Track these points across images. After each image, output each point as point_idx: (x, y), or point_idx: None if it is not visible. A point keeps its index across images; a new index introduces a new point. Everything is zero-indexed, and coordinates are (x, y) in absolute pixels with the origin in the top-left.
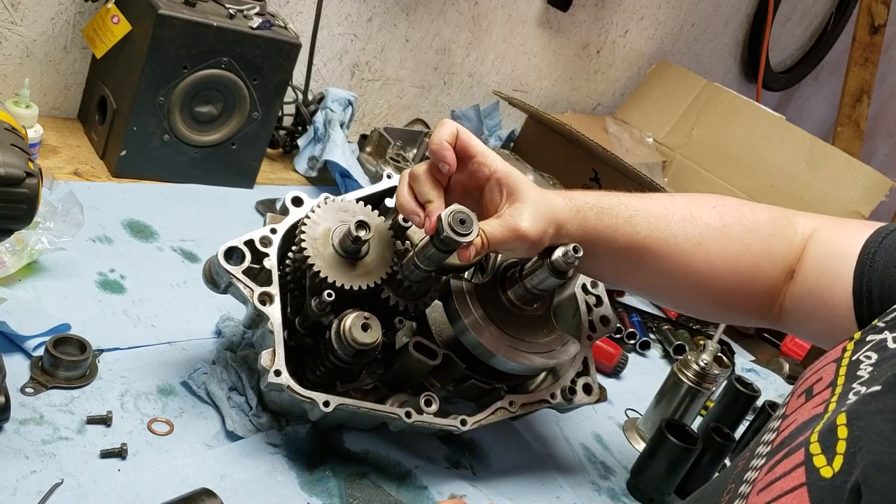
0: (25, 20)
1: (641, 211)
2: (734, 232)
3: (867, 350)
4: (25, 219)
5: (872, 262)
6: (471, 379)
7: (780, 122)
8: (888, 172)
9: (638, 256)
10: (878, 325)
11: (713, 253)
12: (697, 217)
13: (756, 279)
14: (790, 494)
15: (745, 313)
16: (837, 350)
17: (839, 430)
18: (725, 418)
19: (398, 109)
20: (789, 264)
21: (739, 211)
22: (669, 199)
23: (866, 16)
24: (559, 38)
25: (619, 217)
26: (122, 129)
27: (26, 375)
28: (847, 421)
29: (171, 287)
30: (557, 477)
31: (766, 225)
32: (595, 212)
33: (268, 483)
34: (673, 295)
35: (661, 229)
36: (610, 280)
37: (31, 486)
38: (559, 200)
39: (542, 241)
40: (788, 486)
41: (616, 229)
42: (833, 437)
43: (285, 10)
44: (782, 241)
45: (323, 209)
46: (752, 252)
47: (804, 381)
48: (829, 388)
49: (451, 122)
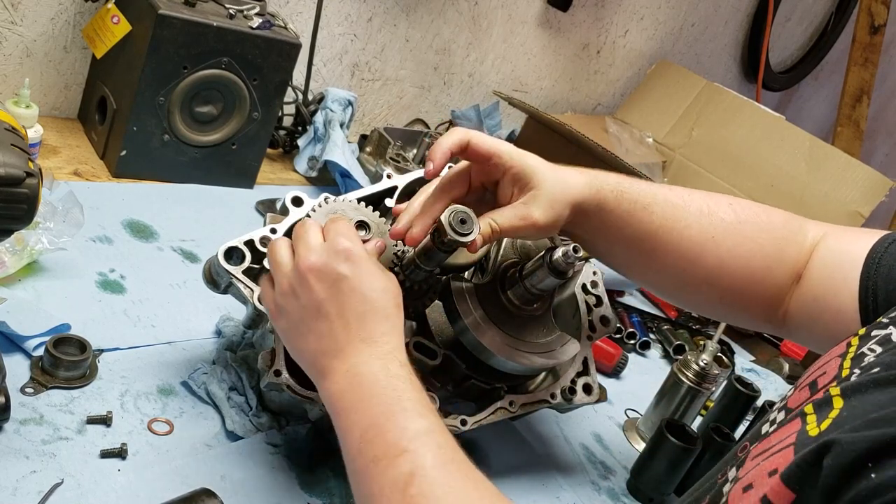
0: (25, 20)
1: (660, 199)
2: (748, 230)
3: (872, 344)
4: (25, 219)
5: (878, 266)
6: (471, 379)
7: (780, 122)
8: (888, 172)
9: (650, 245)
10: (883, 321)
11: (725, 249)
12: (714, 211)
13: (765, 280)
14: (779, 453)
15: (750, 315)
16: (842, 346)
17: (834, 401)
18: (725, 418)
19: (398, 109)
20: (798, 268)
21: (754, 211)
22: (688, 192)
23: (866, 16)
24: (559, 38)
25: (637, 203)
26: (122, 129)
27: (26, 375)
28: (842, 393)
29: (171, 287)
30: (557, 477)
31: (779, 227)
32: (615, 194)
33: (268, 483)
34: (680, 289)
35: (677, 219)
36: (619, 267)
37: (31, 486)
38: (578, 178)
39: (556, 225)
40: (780, 447)
41: (632, 214)
42: (828, 407)
43: (285, 10)
44: (793, 244)
45: (323, 209)
46: (764, 252)
47: (808, 375)
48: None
49: (460, 131)
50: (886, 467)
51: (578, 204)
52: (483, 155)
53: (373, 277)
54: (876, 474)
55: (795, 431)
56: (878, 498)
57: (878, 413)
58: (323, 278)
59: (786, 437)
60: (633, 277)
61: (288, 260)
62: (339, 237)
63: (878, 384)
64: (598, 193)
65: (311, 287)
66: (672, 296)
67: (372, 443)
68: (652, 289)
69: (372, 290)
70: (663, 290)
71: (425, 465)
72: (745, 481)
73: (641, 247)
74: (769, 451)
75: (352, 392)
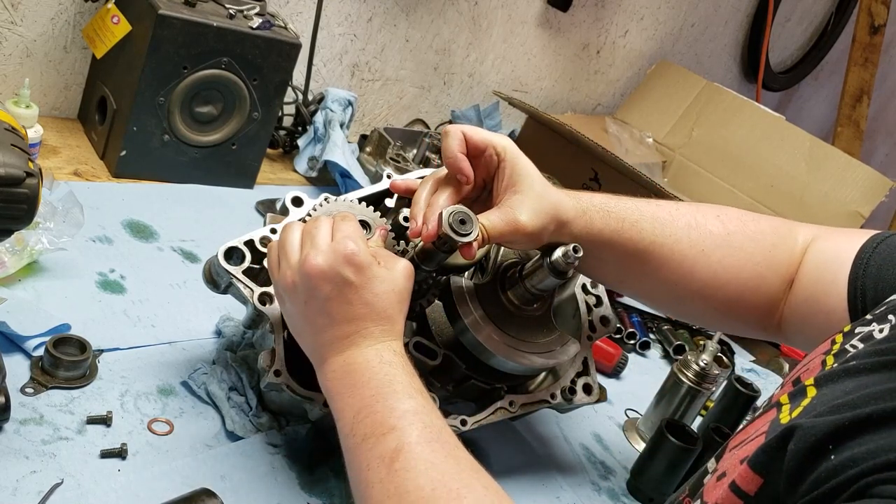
0: (25, 20)
1: (647, 216)
2: (737, 240)
3: (855, 340)
4: (25, 219)
5: (867, 267)
6: (471, 379)
7: (780, 122)
8: (888, 172)
9: (642, 261)
10: (867, 318)
11: (716, 261)
12: (701, 224)
13: (759, 289)
14: (753, 440)
15: (746, 323)
16: (827, 343)
17: (808, 391)
18: (725, 418)
19: (398, 109)
20: (790, 273)
21: (742, 220)
22: (675, 205)
23: (866, 16)
24: (559, 38)
25: (626, 221)
26: (122, 129)
27: (26, 375)
28: (815, 383)
29: (171, 287)
30: (557, 477)
31: (768, 234)
32: (601, 214)
33: (268, 483)
34: (675, 302)
35: (666, 235)
36: (612, 284)
37: (31, 486)
38: (566, 199)
39: (540, 236)
40: (754, 436)
41: (621, 233)
42: (801, 397)
43: (285, 10)
44: (784, 250)
45: (323, 209)
46: (754, 261)
47: (794, 373)
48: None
49: (455, 129)
50: (845, 449)
51: (565, 223)
52: (479, 147)
53: (376, 282)
54: (835, 455)
55: (770, 420)
56: (836, 477)
57: (843, 399)
58: (327, 281)
59: (761, 426)
60: (624, 291)
61: (296, 252)
62: (346, 240)
63: (848, 373)
64: (584, 214)
65: (315, 287)
66: (666, 309)
67: (363, 423)
68: (644, 302)
69: (374, 294)
70: (657, 303)
71: (410, 442)
72: (720, 470)
73: (632, 263)
74: (745, 441)
75: (347, 377)
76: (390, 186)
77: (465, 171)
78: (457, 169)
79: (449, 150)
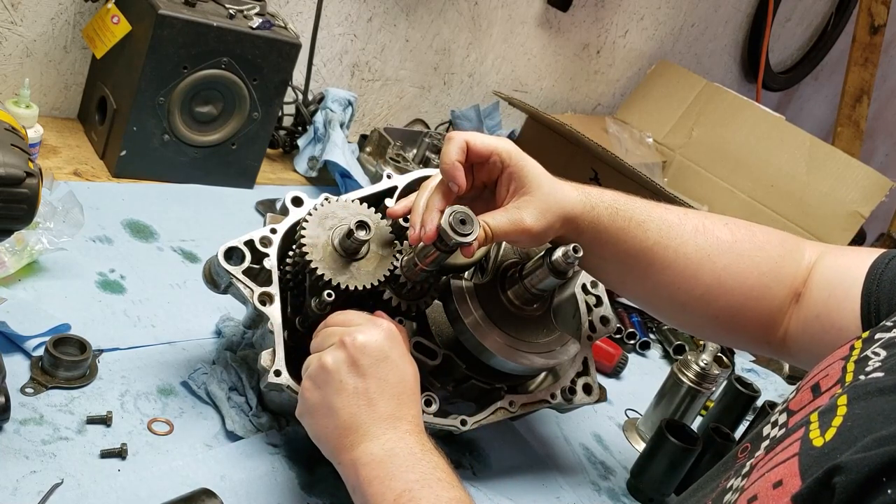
0: (25, 20)
1: (655, 217)
2: (744, 248)
3: (876, 347)
4: (25, 219)
5: (880, 282)
6: (471, 379)
7: (780, 122)
8: (888, 172)
9: (645, 263)
10: (887, 325)
11: (721, 267)
12: (709, 230)
13: (763, 299)
14: (783, 464)
15: (748, 336)
16: (845, 349)
17: (838, 409)
18: (725, 418)
19: (398, 109)
20: (796, 287)
21: (750, 230)
22: (684, 211)
23: (866, 16)
24: (559, 38)
25: (633, 220)
26: (122, 129)
27: (26, 375)
28: (847, 401)
29: (171, 287)
30: (557, 477)
31: (776, 245)
32: (609, 211)
33: (268, 483)
34: (676, 308)
35: (672, 237)
36: (614, 285)
37: (31, 486)
38: (573, 194)
39: (546, 235)
40: (784, 458)
41: (627, 231)
42: (831, 415)
43: (285, 10)
44: (791, 262)
45: (323, 209)
46: (760, 270)
47: (811, 378)
48: (838, 385)
49: (458, 137)
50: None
51: (572, 219)
52: (483, 154)
53: (406, 360)
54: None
55: (799, 440)
56: None
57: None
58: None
59: (789, 446)
60: (625, 294)
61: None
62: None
63: (882, 392)
64: (592, 210)
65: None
66: (666, 314)
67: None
68: (645, 307)
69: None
70: (657, 308)
71: None
72: (749, 492)
73: (636, 264)
74: (773, 462)
75: (389, 461)
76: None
77: (457, 180)
78: (451, 176)
79: (447, 156)
